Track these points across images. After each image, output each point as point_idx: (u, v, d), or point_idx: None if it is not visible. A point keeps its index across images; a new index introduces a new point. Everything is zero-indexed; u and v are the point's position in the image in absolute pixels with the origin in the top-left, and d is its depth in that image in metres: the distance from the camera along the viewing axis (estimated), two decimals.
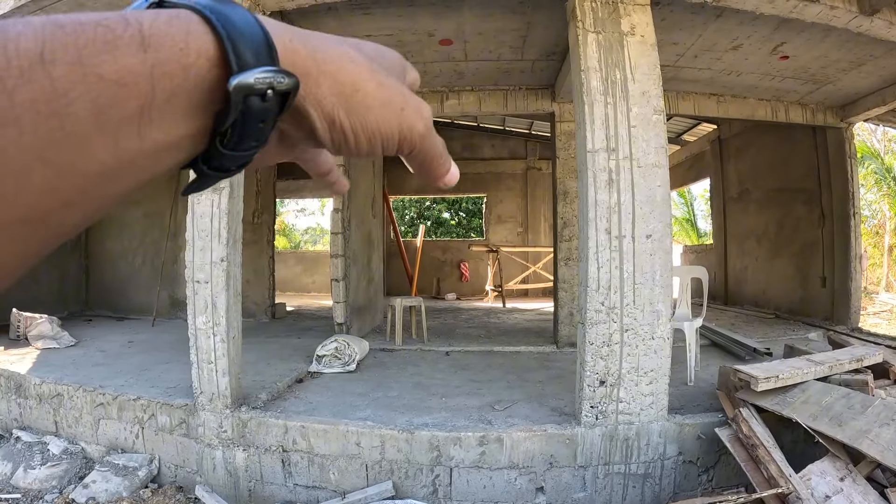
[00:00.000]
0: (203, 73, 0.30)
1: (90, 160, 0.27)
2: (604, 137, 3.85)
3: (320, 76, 0.35)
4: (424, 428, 3.91)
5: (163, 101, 0.29)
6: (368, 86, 0.37)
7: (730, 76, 7.19)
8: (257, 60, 0.31)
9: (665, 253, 3.84)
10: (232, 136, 0.33)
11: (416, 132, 0.41)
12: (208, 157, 0.34)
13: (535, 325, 9.42)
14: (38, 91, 0.24)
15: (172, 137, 0.30)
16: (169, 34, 0.29)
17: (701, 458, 3.92)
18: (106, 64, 0.26)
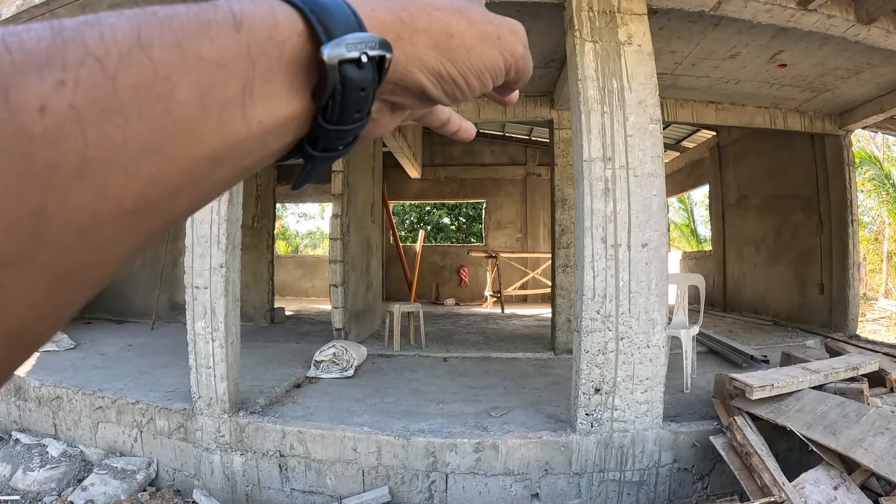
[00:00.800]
0: (296, 48, 0.30)
1: (198, 145, 0.26)
2: (600, 146, 3.88)
3: (413, 35, 0.35)
4: (421, 434, 3.93)
5: (262, 80, 0.29)
6: (461, 27, 0.37)
7: (728, 84, 7.23)
8: (345, 29, 0.31)
9: (661, 262, 3.86)
10: (333, 109, 0.32)
11: (518, 54, 0.40)
12: (314, 139, 0.34)
13: (534, 331, 9.42)
14: (141, 76, 0.24)
15: (276, 118, 0.30)
16: (258, 14, 0.29)
17: (696, 465, 3.94)
18: (204, 45, 0.26)
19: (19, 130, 0.20)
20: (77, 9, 4.77)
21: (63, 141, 0.21)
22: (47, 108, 0.21)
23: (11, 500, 4.29)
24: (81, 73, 0.22)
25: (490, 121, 9.34)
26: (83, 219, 0.22)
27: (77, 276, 0.24)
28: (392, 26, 0.34)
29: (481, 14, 0.39)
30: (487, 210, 16.22)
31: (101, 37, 0.23)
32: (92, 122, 0.22)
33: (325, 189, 9.33)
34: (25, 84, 0.21)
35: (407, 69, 0.35)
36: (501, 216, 15.90)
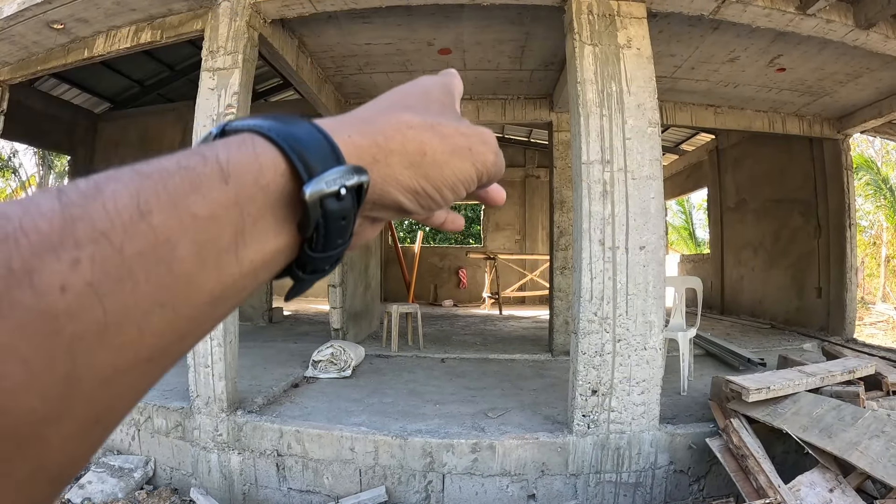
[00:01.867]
0: (280, 188, 0.32)
1: (199, 293, 0.28)
2: (599, 149, 3.89)
3: (389, 157, 0.37)
4: (418, 434, 3.93)
5: (252, 223, 0.31)
6: (434, 143, 0.39)
7: (727, 87, 7.24)
8: (324, 164, 0.33)
9: (658, 264, 3.88)
10: (318, 240, 0.34)
11: (489, 162, 0.43)
12: (302, 263, 0.36)
13: (531, 332, 9.43)
14: (144, 243, 0.26)
15: (266, 254, 0.32)
16: (243, 161, 0.31)
17: (692, 467, 3.95)
18: (197, 203, 0.28)
19: (46, 311, 0.22)
20: (80, 6, 4.78)
21: (84, 314, 0.24)
22: (67, 287, 0.23)
23: None
24: (93, 251, 0.24)
25: (489, 123, 9.33)
26: (106, 374, 0.25)
27: (104, 419, 0.26)
28: (368, 150, 0.37)
29: (453, 127, 0.41)
30: (486, 212, 16.24)
31: (104, 209, 0.25)
32: (107, 292, 0.24)
33: None
34: (46, 267, 0.23)
35: (384, 189, 0.38)
36: (500, 218, 15.90)
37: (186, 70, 10.46)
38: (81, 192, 0.26)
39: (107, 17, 5.01)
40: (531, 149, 15.37)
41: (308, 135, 0.34)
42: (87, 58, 5.48)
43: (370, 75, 6.93)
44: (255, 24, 4.67)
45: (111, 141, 11.02)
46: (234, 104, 4.40)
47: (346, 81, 7.16)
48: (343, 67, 6.69)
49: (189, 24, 4.83)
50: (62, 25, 5.13)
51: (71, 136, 10.74)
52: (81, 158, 10.97)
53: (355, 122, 0.39)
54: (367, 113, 0.41)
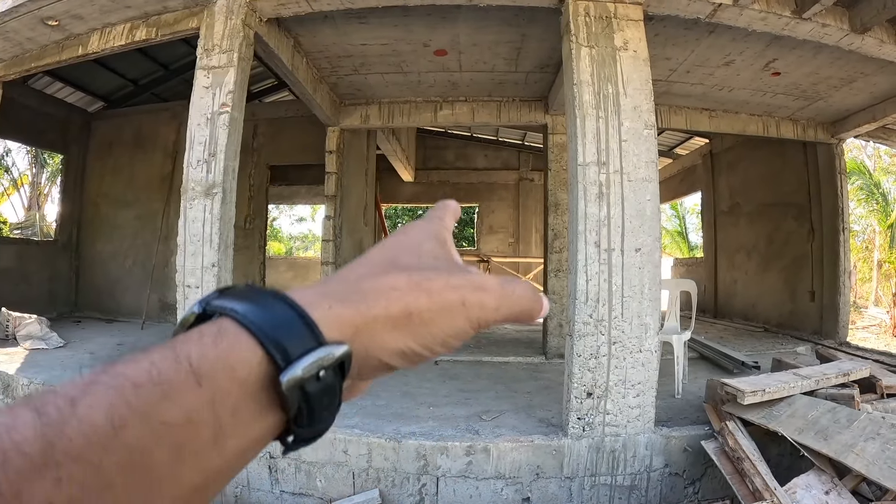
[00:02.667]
0: (259, 377, 0.32)
1: (181, 487, 0.29)
2: (595, 151, 3.89)
3: (372, 324, 0.37)
4: (412, 437, 3.91)
5: (230, 416, 0.31)
6: (420, 303, 0.38)
7: (722, 91, 7.26)
8: (302, 347, 0.33)
9: (654, 266, 3.87)
10: (302, 419, 0.34)
11: (489, 309, 0.41)
12: (288, 435, 0.35)
13: (525, 335, 9.41)
14: (120, 455, 0.27)
15: (250, 439, 0.32)
16: (218, 358, 0.31)
17: (687, 470, 3.94)
18: (170, 411, 0.29)
19: None
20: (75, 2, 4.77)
21: None
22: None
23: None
24: (73, 469, 0.26)
25: (484, 125, 9.36)
26: None
27: None
28: (350, 321, 0.36)
29: (443, 281, 0.40)
30: (480, 214, 16.21)
31: (80, 429, 0.26)
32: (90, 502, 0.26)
33: (317, 191, 9.32)
34: (33, 487, 0.25)
35: (368, 356, 0.37)
36: (494, 220, 15.88)
37: (181, 69, 10.41)
38: (58, 410, 0.27)
39: (102, 14, 4.99)
40: (525, 151, 15.39)
41: (283, 318, 0.34)
42: (81, 55, 5.45)
43: (365, 76, 6.91)
44: (251, 23, 4.65)
45: (105, 140, 10.95)
46: (229, 103, 4.38)
47: (342, 82, 7.14)
48: (338, 68, 6.67)
49: (184, 22, 4.81)
50: (57, 22, 5.11)
51: (65, 135, 10.67)
52: (75, 157, 10.90)
53: (339, 288, 0.38)
54: (354, 274, 0.40)
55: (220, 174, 4.34)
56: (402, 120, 7.86)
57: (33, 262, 10.17)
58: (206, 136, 4.40)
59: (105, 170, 10.88)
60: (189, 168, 4.42)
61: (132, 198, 10.43)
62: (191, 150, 4.44)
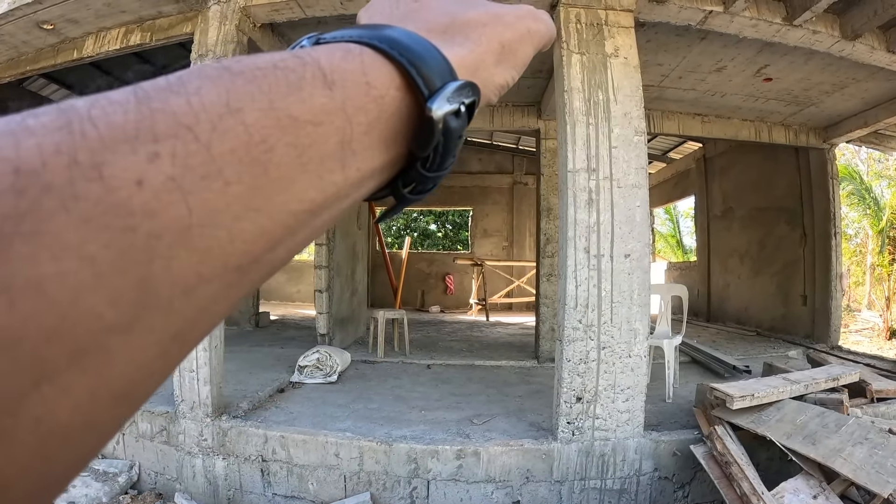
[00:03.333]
0: (396, 102, 0.30)
1: (298, 200, 0.26)
2: (585, 157, 3.91)
3: (482, 61, 0.36)
4: (403, 440, 3.93)
5: (361, 133, 0.28)
6: (507, 36, 0.38)
7: (714, 97, 7.30)
8: (441, 79, 0.31)
9: (643, 272, 3.90)
10: (434, 159, 0.33)
11: (542, 34, 0.42)
12: (408, 180, 0.34)
13: (518, 339, 9.44)
14: (235, 140, 0.23)
15: (374, 165, 0.30)
16: (349, 69, 0.29)
17: (677, 474, 3.97)
18: (296, 105, 0.26)
19: (118, 205, 0.20)
20: (71, 6, 4.76)
21: (164, 211, 0.21)
22: (144, 182, 0.21)
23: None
24: (175, 145, 0.22)
25: (478, 129, 9.37)
26: (189, 281, 0.22)
27: (184, 335, 0.23)
28: (472, 63, 0.36)
29: (512, 13, 0.40)
30: (474, 218, 16.22)
31: (188, 104, 0.23)
32: (191, 189, 0.22)
33: None
34: (118, 159, 0.20)
35: (483, 94, 0.36)
36: (488, 224, 15.90)
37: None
38: (160, 87, 0.23)
39: (97, 19, 4.99)
40: (519, 156, 15.39)
41: (422, 48, 0.32)
42: (76, 58, 5.46)
43: None
44: (245, 29, 4.67)
45: None
46: None
47: None
48: None
49: (179, 27, 4.82)
50: (52, 26, 5.11)
51: None
52: None
53: (436, 25, 0.37)
54: (430, 11, 0.38)
55: None
56: None
57: None
58: None
59: None
60: None
61: None
62: None
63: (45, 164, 0.19)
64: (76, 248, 0.19)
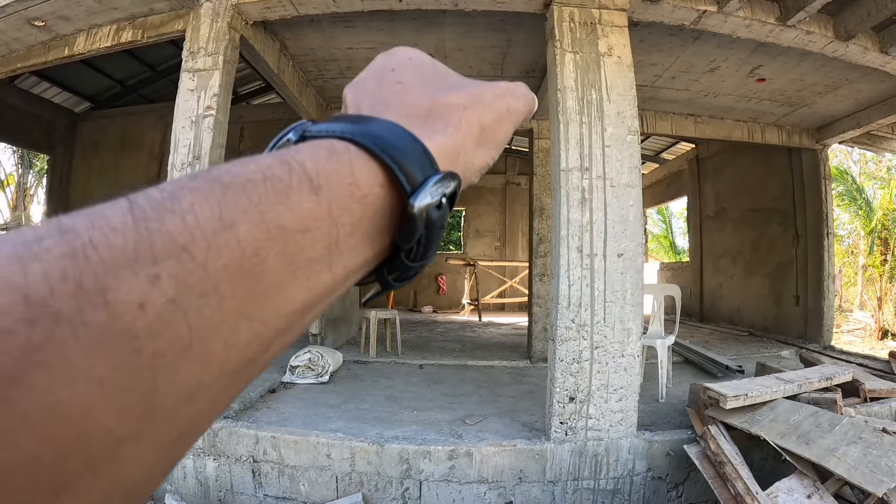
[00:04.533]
0: (380, 200, 0.31)
1: (289, 302, 0.27)
2: (578, 156, 3.90)
3: (462, 147, 0.37)
4: (395, 441, 3.91)
5: (346, 234, 0.29)
6: (486, 117, 0.39)
7: (707, 97, 7.31)
8: (423, 173, 0.32)
9: (636, 272, 3.88)
10: (418, 250, 0.33)
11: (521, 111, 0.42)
12: (393, 268, 0.34)
13: (511, 339, 9.43)
14: (230, 256, 0.24)
15: (360, 261, 0.31)
16: (335, 170, 0.30)
17: (670, 474, 3.95)
18: (285, 215, 0.27)
19: (124, 329, 0.21)
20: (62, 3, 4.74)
21: (166, 330, 0.22)
22: (147, 305, 0.22)
23: None
24: (174, 266, 0.23)
25: None
26: (190, 389, 0.23)
27: (186, 434, 0.25)
28: (452, 149, 0.36)
29: (490, 93, 0.40)
30: (466, 218, 16.23)
31: (184, 223, 0.24)
32: (190, 307, 0.23)
33: None
34: (121, 283, 0.21)
35: (464, 178, 0.37)
36: (480, 224, 15.91)
37: (168, 71, 10.37)
38: (155, 203, 0.24)
39: (88, 16, 4.96)
40: (512, 156, 15.40)
41: (405, 143, 0.33)
42: (67, 56, 5.42)
43: (352, 79, 6.88)
44: (237, 26, 4.64)
45: (91, 141, 10.92)
46: (214, 105, 4.37)
47: (328, 85, 7.13)
48: (325, 71, 6.67)
49: (170, 24, 4.79)
50: (43, 23, 5.08)
51: (51, 136, 10.63)
52: (61, 158, 10.88)
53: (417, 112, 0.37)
54: (411, 97, 0.39)
55: None
56: None
57: None
58: (190, 138, 4.39)
59: (91, 171, 10.86)
60: (174, 171, 4.41)
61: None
62: (175, 152, 4.43)
63: (52, 291, 0.20)
64: (87, 372, 0.20)
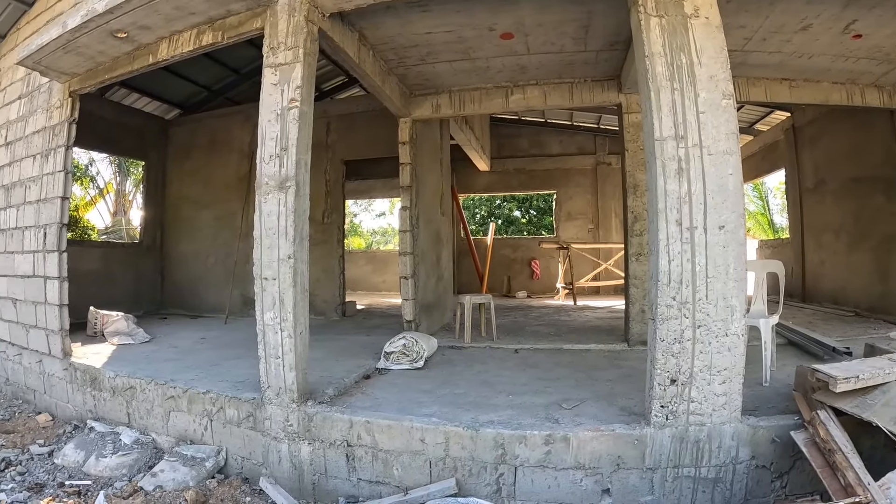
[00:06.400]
0: None
1: None
2: (672, 125, 3.70)
3: None
4: (490, 426, 3.84)
5: None
6: None
7: (801, 59, 6.83)
8: None
9: (738, 245, 3.65)
10: None
11: None
12: None
13: (606, 322, 9.25)
14: None
15: None
16: None
17: (775, 462, 3.70)
18: None
19: None
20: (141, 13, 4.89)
21: None
22: None
23: (83, 484, 4.44)
24: None
25: (557, 107, 9.16)
26: None
27: None
28: None
29: None
30: (558, 201, 16.05)
31: None
32: None
33: (393, 185, 9.44)
34: None
35: None
36: (572, 207, 15.69)
37: (251, 73, 10.76)
38: None
39: (168, 23, 5.11)
40: (601, 135, 15.13)
41: None
42: (152, 63, 5.61)
43: (433, 65, 6.88)
44: (314, 19, 4.68)
45: (182, 144, 11.45)
46: (298, 98, 4.42)
47: (410, 73, 7.13)
48: (405, 58, 6.67)
49: (248, 24, 4.88)
50: (125, 34, 5.26)
51: (143, 142, 11.20)
52: (155, 163, 11.48)
53: None
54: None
55: (293, 168, 4.38)
56: (474, 107, 7.77)
57: (119, 264, 10.73)
58: (276, 131, 4.45)
59: (184, 173, 11.40)
60: (262, 164, 4.49)
61: (210, 199, 10.89)
62: (262, 146, 4.50)
63: None
64: None
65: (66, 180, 6.33)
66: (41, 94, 6.77)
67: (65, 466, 4.82)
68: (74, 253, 6.54)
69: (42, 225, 6.44)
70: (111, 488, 4.33)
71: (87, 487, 4.40)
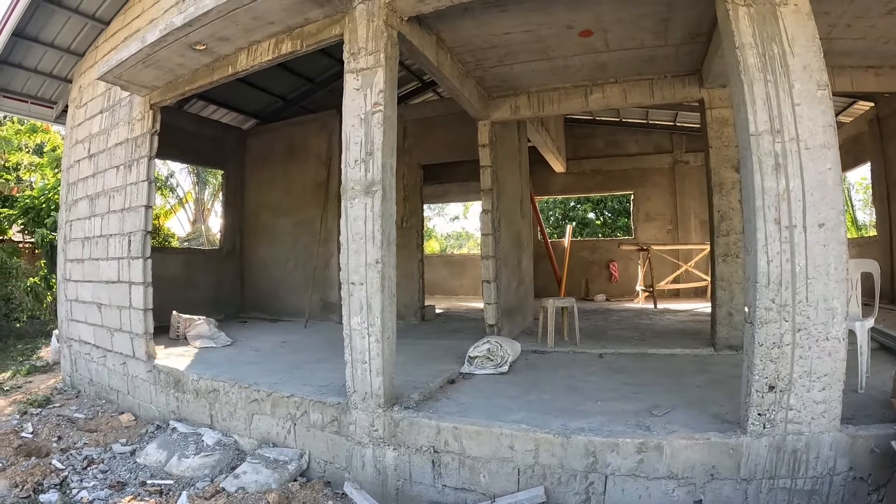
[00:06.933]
0: None
1: None
2: (766, 118, 3.54)
3: None
4: (580, 432, 3.76)
5: None
6: None
7: (888, 44, 6.45)
8: None
9: (839, 243, 3.46)
10: None
11: None
12: None
13: (689, 326, 8.98)
14: None
15: None
16: None
17: (872, 474, 3.48)
18: None
19: None
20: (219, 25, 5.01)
21: None
22: None
23: (165, 484, 4.57)
24: None
25: (638, 105, 8.95)
26: None
27: None
28: None
29: None
30: (636, 202, 15.68)
31: None
32: None
33: (469, 188, 9.44)
34: None
35: None
36: (650, 208, 15.27)
37: (325, 82, 10.98)
38: None
39: (246, 33, 5.22)
40: (678, 133, 14.63)
41: None
42: (231, 73, 5.76)
43: (511, 66, 6.84)
44: (393, 23, 4.70)
45: (259, 153, 11.76)
46: (381, 101, 4.45)
47: (488, 74, 7.11)
48: (483, 60, 6.66)
49: (327, 31, 4.94)
50: (204, 46, 5.41)
51: (221, 152, 11.57)
52: (233, 172, 11.85)
53: None
54: None
55: (379, 171, 4.42)
56: (553, 108, 7.67)
57: (200, 270, 11.10)
58: (361, 135, 4.50)
59: (262, 181, 11.70)
60: (347, 168, 4.54)
61: (289, 206, 11.13)
62: (347, 150, 4.56)
63: None
64: None
65: (150, 189, 6.59)
66: (122, 107, 7.09)
67: (147, 465, 4.99)
68: (157, 259, 6.79)
69: (126, 233, 6.72)
70: (193, 488, 4.45)
71: (169, 487, 4.54)
